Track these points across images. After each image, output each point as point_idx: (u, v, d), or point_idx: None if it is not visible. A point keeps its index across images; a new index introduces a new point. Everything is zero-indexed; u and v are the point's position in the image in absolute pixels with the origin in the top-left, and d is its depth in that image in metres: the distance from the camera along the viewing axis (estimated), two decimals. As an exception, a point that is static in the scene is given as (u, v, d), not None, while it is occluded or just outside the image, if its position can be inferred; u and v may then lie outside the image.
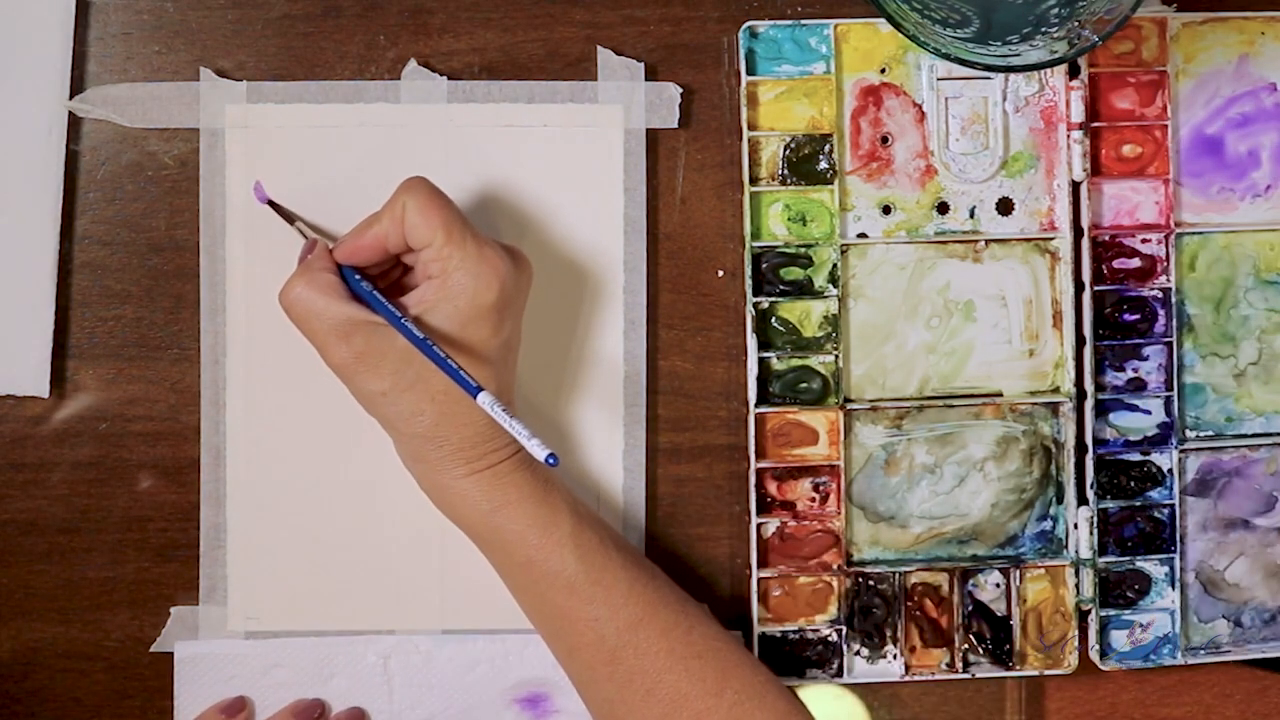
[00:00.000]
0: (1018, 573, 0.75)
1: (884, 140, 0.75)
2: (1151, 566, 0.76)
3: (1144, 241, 0.75)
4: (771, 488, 0.74)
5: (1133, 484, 0.75)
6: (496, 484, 0.67)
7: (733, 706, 0.66)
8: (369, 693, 0.73)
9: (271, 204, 0.71)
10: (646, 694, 0.66)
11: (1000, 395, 0.75)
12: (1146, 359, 0.76)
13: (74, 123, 0.72)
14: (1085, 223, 0.75)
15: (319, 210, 0.72)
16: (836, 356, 0.74)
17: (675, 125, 0.74)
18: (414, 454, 0.67)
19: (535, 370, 0.73)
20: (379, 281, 0.68)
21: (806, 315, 0.74)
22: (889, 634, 0.75)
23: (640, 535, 0.74)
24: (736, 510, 0.75)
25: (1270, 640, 0.77)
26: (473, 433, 0.66)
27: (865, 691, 0.76)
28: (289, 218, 0.71)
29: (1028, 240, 0.75)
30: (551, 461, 0.61)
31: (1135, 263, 0.75)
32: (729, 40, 0.74)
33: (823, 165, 0.74)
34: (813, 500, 0.74)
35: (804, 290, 0.74)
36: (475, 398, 0.63)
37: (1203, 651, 0.76)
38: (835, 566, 0.74)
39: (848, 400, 0.75)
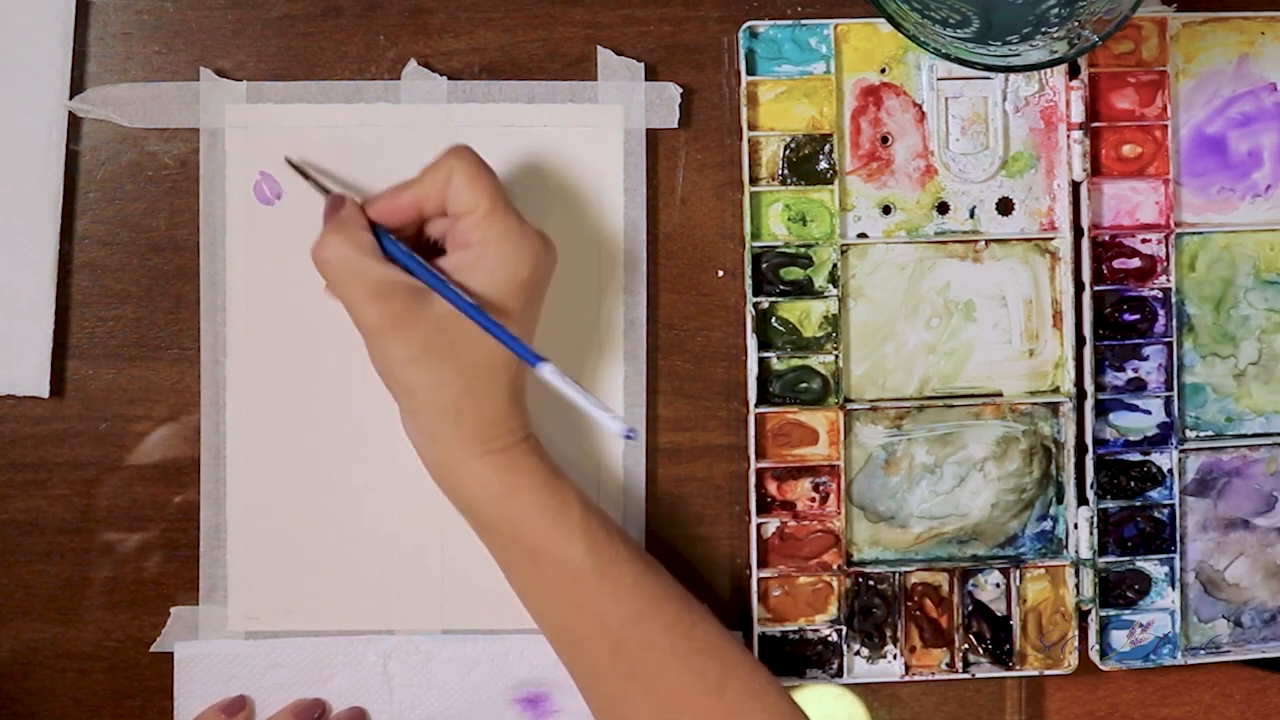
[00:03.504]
0: (1018, 573, 0.75)
1: (884, 140, 0.75)
2: (1151, 566, 0.76)
3: (1144, 241, 0.75)
4: (771, 488, 0.74)
5: (1133, 484, 0.75)
6: (510, 467, 0.66)
7: (733, 706, 0.66)
8: (369, 693, 0.73)
9: (289, 162, 0.71)
10: (648, 689, 0.66)
11: (1000, 395, 0.75)
12: (1146, 359, 0.76)
13: (74, 123, 0.72)
14: (1085, 223, 0.75)
15: (318, 210, 0.72)
16: (836, 356, 0.74)
17: (675, 125, 0.73)
18: (429, 429, 0.66)
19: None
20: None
21: (806, 315, 0.74)
22: (889, 634, 0.75)
23: (640, 535, 0.74)
24: (736, 510, 0.75)
25: (1270, 640, 0.77)
26: (493, 411, 0.65)
27: (865, 691, 0.76)
28: (306, 174, 0.70)
29: (1028, 240, 0.75)
30: (630, 436, 0.63)
31: (1135, 263, 0.75)
32: (729, 40, 0.74)
33: (823, 165, 0.74)
34: (813, 500, 0.74)
35: (804, 290, 0.74)
36: (535, 367, 0.63)
37: (1203, 651, 0.76)
38: (835, 566, 0.74)
39: (848, 400, 0.75)
